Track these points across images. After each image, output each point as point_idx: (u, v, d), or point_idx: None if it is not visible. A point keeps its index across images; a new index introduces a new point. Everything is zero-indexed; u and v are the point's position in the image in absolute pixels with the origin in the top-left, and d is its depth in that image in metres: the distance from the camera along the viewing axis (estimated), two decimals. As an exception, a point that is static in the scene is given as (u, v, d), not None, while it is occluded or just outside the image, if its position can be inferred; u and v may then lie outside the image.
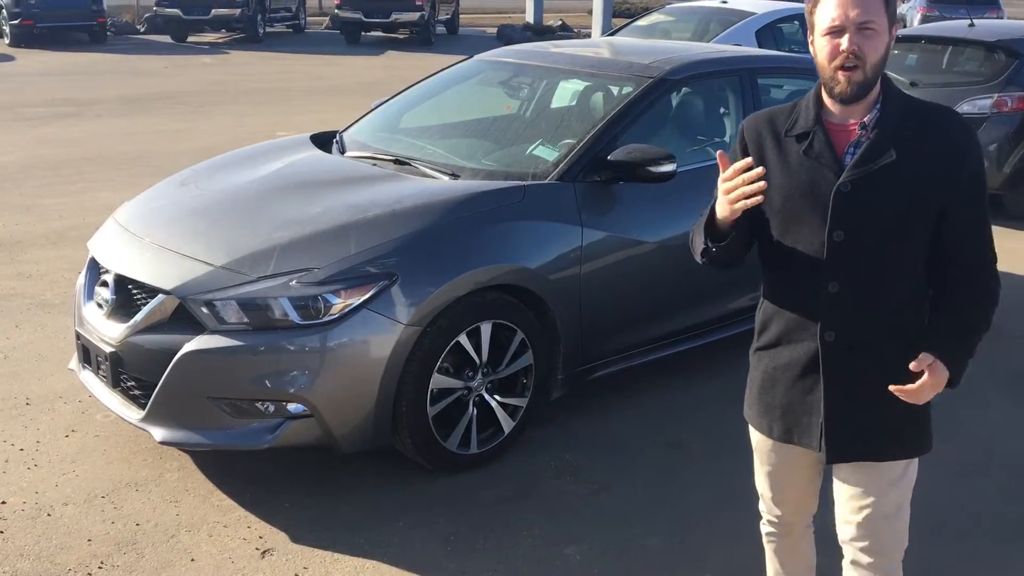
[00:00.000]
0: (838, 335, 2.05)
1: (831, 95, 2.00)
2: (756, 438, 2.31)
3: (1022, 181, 7.48)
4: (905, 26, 19.56)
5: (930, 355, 1.99)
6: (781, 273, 2.14)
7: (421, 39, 21.59)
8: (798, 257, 2.07)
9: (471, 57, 5.18)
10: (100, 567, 3.01)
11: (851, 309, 2.03)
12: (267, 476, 3.55)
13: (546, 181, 3.82)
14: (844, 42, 1.92)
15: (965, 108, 7.40)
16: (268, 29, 22.29)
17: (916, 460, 2.20)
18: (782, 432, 2.19)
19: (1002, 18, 16.66)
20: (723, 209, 2.01)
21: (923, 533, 3.30)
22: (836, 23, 1.93)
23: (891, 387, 1.99)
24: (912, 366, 1.98)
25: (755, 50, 5.79)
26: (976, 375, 4.57)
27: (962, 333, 2.08)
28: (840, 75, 1.94)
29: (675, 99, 4.49)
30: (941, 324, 2.07)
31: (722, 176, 2.00)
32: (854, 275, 2.02)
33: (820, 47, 1.98)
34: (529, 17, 24.12)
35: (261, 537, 3.19)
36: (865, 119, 2.01)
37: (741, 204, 1.96)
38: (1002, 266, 6.86)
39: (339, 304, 3.25)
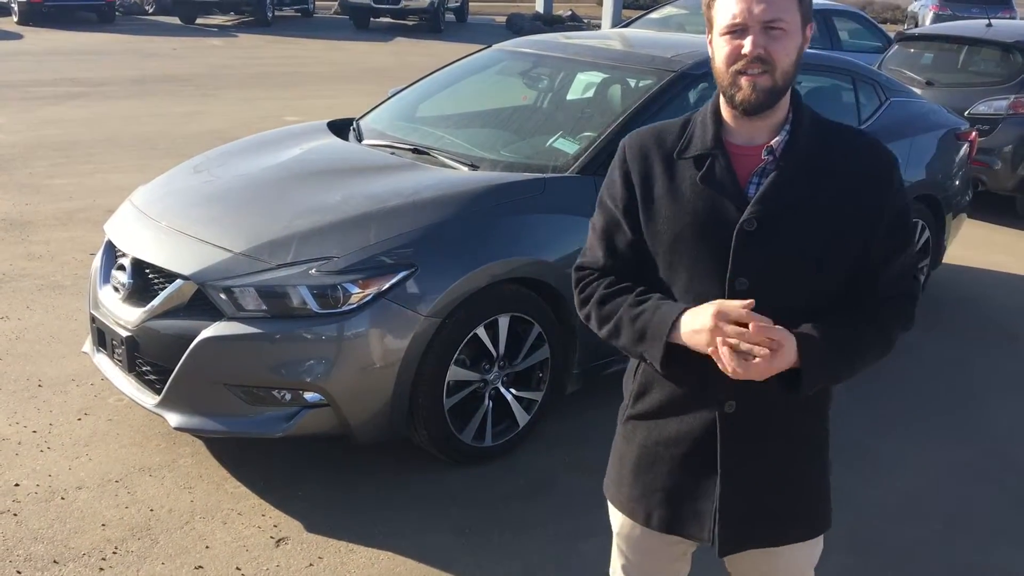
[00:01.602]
0: (739, 404, 1.71)
1: (732, 104, 1.67)
2: (623, 524, 1.93)
3: (1036, 183, 7.46)
4: (917, 24, 19.51)
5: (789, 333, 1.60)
6: None
7: (430, 26, 21.54)
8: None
9: (489, 46, 5.14)
10: (114, 552, 3.00)
11: None
12: (281, 464, 3.54)
13: (566, 174, 3.79)
14: (747, 44, 1.61)
15: (981, 108, 7.38)
16: (277, 13, 22.23)
17: (822, 536, 1.90)
18: (664, 521, 1.83)
19: (1015, 18, 16.59)
20: (699, 340, 1.62)
21: (936, 535, 3.30)
22: (737, 21, 1.61)
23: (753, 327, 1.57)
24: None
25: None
26: (994, 379, 4.60)
27: (844, 340, 1.67)
28: (742, 80, 1.62)
29: (696, 94, 4.45)
30: (827, 322, 1.67)
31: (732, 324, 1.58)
32: None
33: (718, 48, 1.66)
34: (539, 6, 24.04)
35: (276, 526, 3.18)
36: (772, 142, 1.69)
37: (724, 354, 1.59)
38: (1016, 268, 6.86)
39: (358, 293, 3.23)
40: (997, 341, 5.15)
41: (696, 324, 1.62)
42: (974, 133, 5.80)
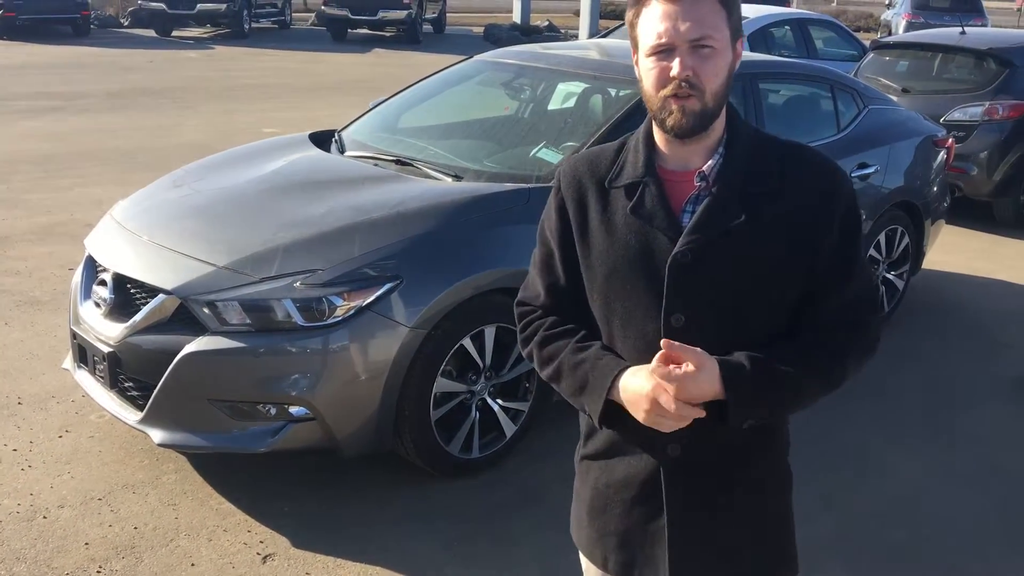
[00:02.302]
0: (684, 448, 1.61)
1: (663, 129, 1.57)
2: (587, 566, 1.84)
3: (1011, 189, 7.55)
4: (890, 32, 19.72)
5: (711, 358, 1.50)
6: None
7: (408, 37, 21.53)
8: (630, 346, 1.62)
9: (470, 57, 5.14)
10: (99, 571, 2.96)
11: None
12: (266, 479, 3.51)
13: (551, 184, 3.78)
14: (675, 66, 1.51)
15: (956, 115, 7.46)
16: (253, 25, 22.15)
17: None
18: (619, 565, 1.74)
19: (986, 26, 16.80)
20: (637, 407, 1.54)
21: (924, 539, 3.32)
22: (664, 41, 1.51)
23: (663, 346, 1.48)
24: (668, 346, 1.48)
25: (755, 55, 5.79)
26: (976, 384, 4.64)
27: (778, 370, 1.53)
28: (672, 104, 1.52)
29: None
30: (763, 351, 1.55)
31: (661, 371, 1.48)
32: None
33: (645, 70, 1.55)
34: (516, 17, 24.12)
35: (262, 542, 3.15)
36: (704, 167, 1.58)
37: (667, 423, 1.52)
38: (995, 273, 6.91)
39: (343, 306, 3.21)
40: (978, 345, 5.19)
41: (635, 388, 1.54)
42: (951, 140, 5.85)
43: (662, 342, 1.49)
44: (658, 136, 1.62)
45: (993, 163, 7.43)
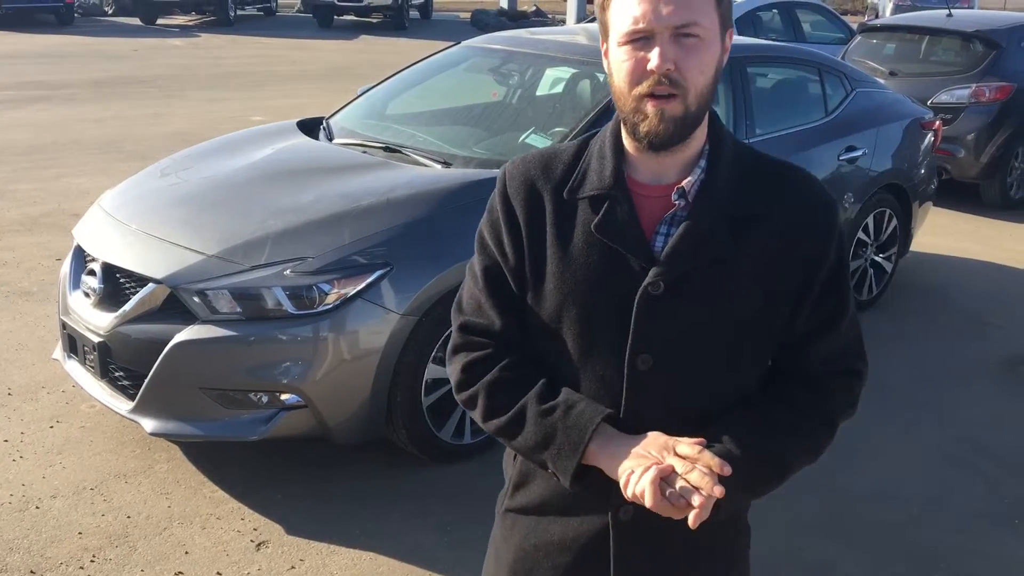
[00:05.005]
0: (638, 511, 1.34)
1: (635, 136, 1.32)
2: None
3: (998, 171, 7.59)
4: (878, 15, 19.74)
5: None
6: None
7: (395, 23, 21.48)
8: (584, 388, 1.39)
9: (457, 43, 5.13)
10: (92, 560, 2.96)
11: None
12: (259, 467, 3.51)
13: (539, 170, 3.78)
14: (654, 57, 1.26)
15: (944, 98, 7.48)
16: (239, 12, 22.02)
17: None
18: None
19: (973, 8, 16.83)
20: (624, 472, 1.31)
21: (914, 519, 3.35)
22: (641, 26, 1.27)
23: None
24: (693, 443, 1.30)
25: (743, 39, 5.78)
26: (963, 365, 4.67)
27: (769, 453, 1.38)
28: (649, 106, 1.28)
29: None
30: (747, 426, 1.38)
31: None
32: (668, 423, 1.35)
33: (616, 63, 1.31)
34: (503, 2, 24.06)
35: (255, 529, 3.16)
36: (684, 182, 1.35)
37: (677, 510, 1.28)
38: (982, 255, 6.92)
39: (334, 294, 3.21)
40: (965, 326, 5.22)
41: (627, 452, 1.32)
42: (938, 122, 5.88)
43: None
44: (627, 142, 1.38)
45: (980, 145, 7.47)
